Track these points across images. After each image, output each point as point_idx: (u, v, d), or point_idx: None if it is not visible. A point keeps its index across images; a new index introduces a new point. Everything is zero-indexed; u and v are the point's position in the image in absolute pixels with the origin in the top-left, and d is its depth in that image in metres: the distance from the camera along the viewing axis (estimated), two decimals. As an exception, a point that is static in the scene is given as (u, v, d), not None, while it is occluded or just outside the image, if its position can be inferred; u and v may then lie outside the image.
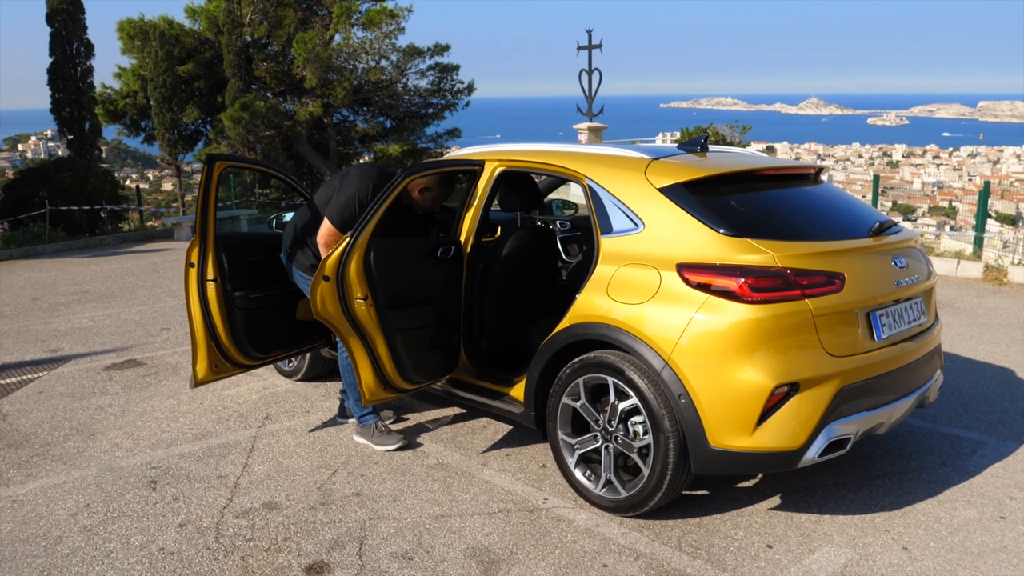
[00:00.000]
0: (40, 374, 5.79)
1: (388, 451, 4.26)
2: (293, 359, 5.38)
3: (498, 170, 4.20)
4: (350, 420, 4.65)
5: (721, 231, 3.28)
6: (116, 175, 16.75)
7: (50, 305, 8.31)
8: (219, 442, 4.43)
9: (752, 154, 4.29)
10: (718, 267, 3.20)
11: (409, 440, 4.38)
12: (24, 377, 5.73)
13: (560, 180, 5.66)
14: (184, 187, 21.73)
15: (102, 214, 15.17)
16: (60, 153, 17.38)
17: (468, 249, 4.16)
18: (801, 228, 3.51)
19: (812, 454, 3.17)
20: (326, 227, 4.08)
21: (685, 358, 3.18)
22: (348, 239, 3.72)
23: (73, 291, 9.13)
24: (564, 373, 3.63)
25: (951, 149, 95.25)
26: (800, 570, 3.11)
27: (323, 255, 4.02)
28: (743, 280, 3.13)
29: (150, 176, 60.26)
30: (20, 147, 78.99)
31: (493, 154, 4.28)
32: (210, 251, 4.17)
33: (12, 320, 7.61)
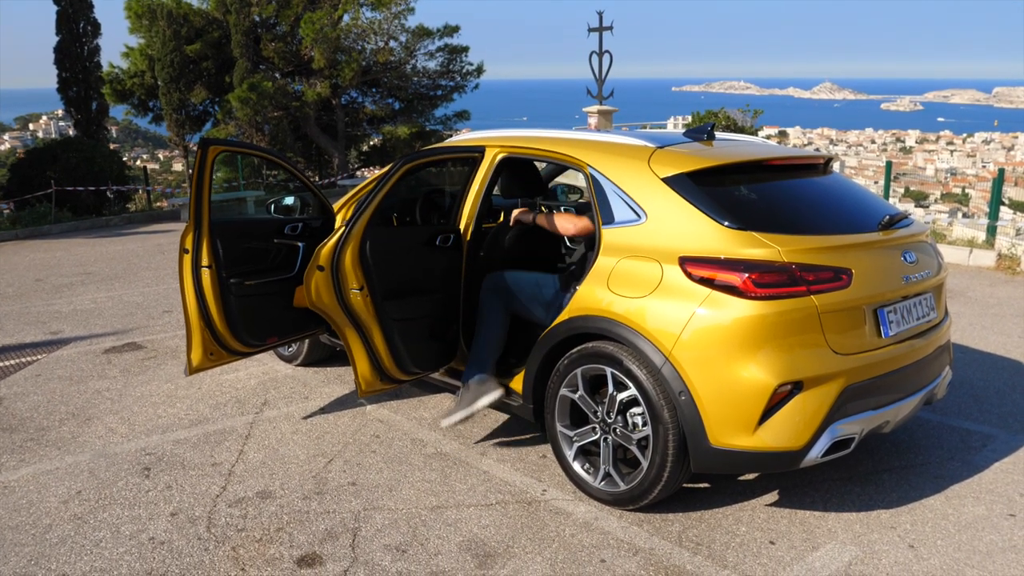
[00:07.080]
0: (39, 356, 5.76)
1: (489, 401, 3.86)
2: (292, 344, 5.33)
3: (499, 156, 4.10)
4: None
5: (725, 224, 3.18)
6: (126, 155, 16.75)
7: (53, 286, 8.28)
8: (215, 428, 4.39)
9: (760, 143, 4.18)
10: (722, 261, 3.11)
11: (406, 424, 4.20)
12: (23, 360, 5.70)
13: (562, 167, 5.57)
14: (191, 167, 21.68)
15: (109, 195, 15.14)
16: (71, 133, 17.30)
17: (468, 237, 4.08)
18: (808, 221, 3.41)
19: (815, 454, 3.09)
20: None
21: (686, 354, 3.10)
22: (344, 228, 3.65)
23: (77, 272, 9.10)
24: (562, 364, 3.56)
25: (965, 135, 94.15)
26: (803, 568, 3.04)
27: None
28: (747, 275, 3.03)
29: (160, 156, 60.19)
30: (31, 127, 79.06)
31: (494, 140, 4.18)
32: (205, 237, 4.11)
33: (15, 301, 7.58)
